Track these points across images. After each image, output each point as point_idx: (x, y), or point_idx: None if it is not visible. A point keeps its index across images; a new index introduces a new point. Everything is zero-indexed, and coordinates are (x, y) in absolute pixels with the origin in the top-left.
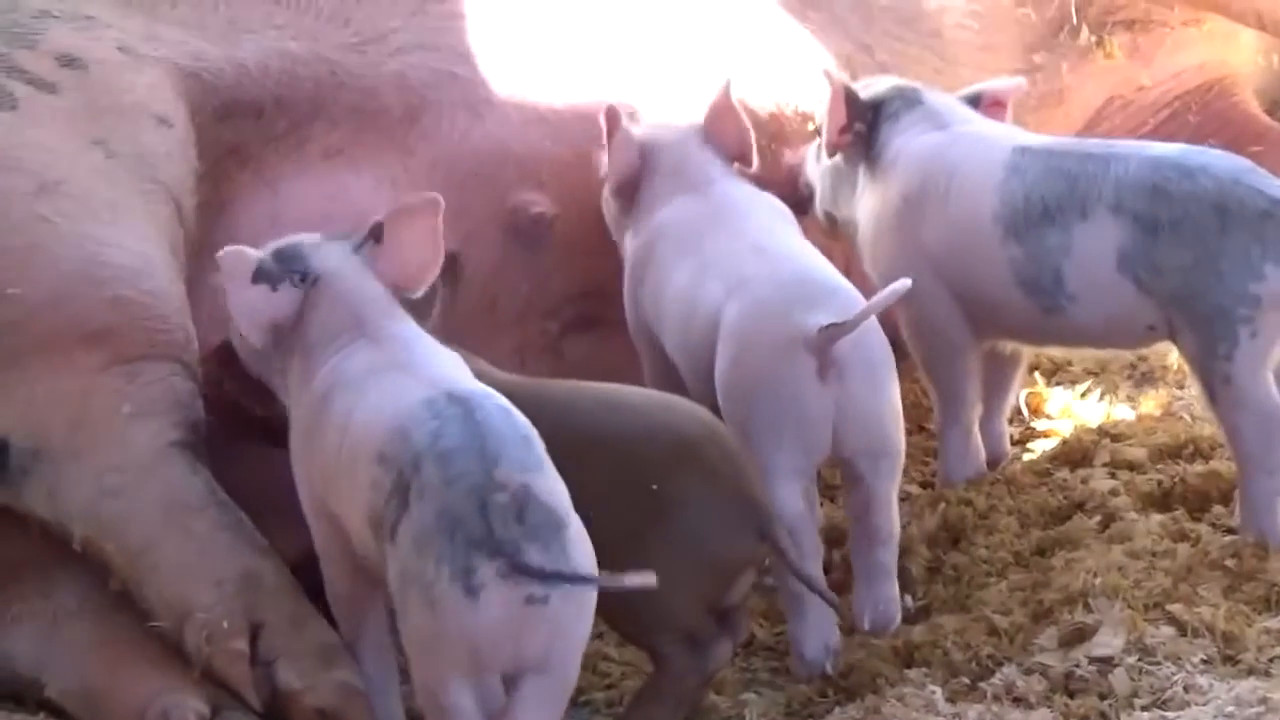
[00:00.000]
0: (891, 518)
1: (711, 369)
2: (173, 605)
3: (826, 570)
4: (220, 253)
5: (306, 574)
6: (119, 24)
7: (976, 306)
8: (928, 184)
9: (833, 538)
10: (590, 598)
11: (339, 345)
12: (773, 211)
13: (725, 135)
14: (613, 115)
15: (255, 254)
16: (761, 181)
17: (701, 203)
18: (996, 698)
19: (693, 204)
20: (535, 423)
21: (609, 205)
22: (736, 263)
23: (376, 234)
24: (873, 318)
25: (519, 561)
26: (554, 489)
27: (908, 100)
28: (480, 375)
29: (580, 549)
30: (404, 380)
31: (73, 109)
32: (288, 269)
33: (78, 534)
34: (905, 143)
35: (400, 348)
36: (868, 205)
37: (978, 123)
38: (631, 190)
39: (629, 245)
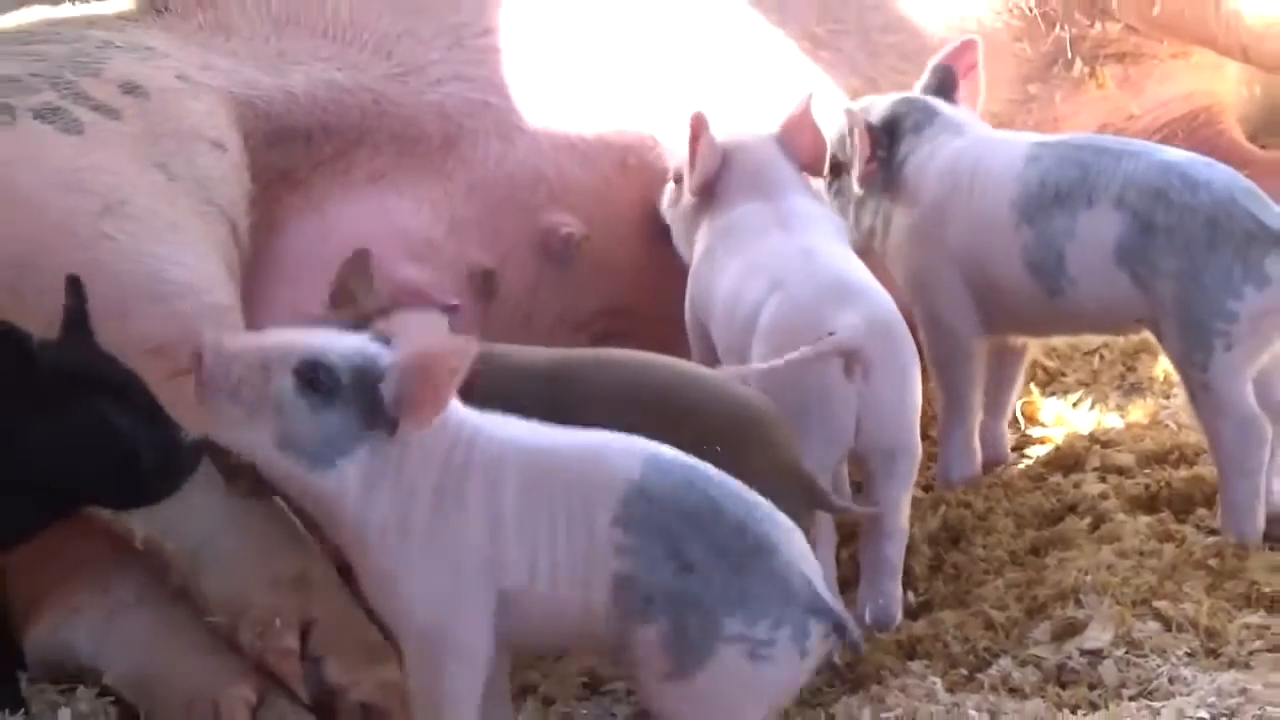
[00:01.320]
0: (902, 516)
1: (748, 360)
2: (228, 602)
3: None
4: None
5: (351, 576)
6: (177, 54)
7: (990, 294)
8: (956, 185)
9: (839, 537)
10: None
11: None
12: (829, 222)
13: (801, 145)
14: (699, 121)
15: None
16: None
17: (769, 210)
18: (993, 688)
19: (761, 209)
20: (622, 387)
21: (677, 209)
22: (781, 264)
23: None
24: (900, 320)
25: (841, 623)
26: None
27: (926, 112)
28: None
29: None
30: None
31: (135, 134)
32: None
33: (139, 533)
34: (932, 150)
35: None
36: (897, 216)
37: (992, 131)
38: (710, 191)
39: (699, 244)
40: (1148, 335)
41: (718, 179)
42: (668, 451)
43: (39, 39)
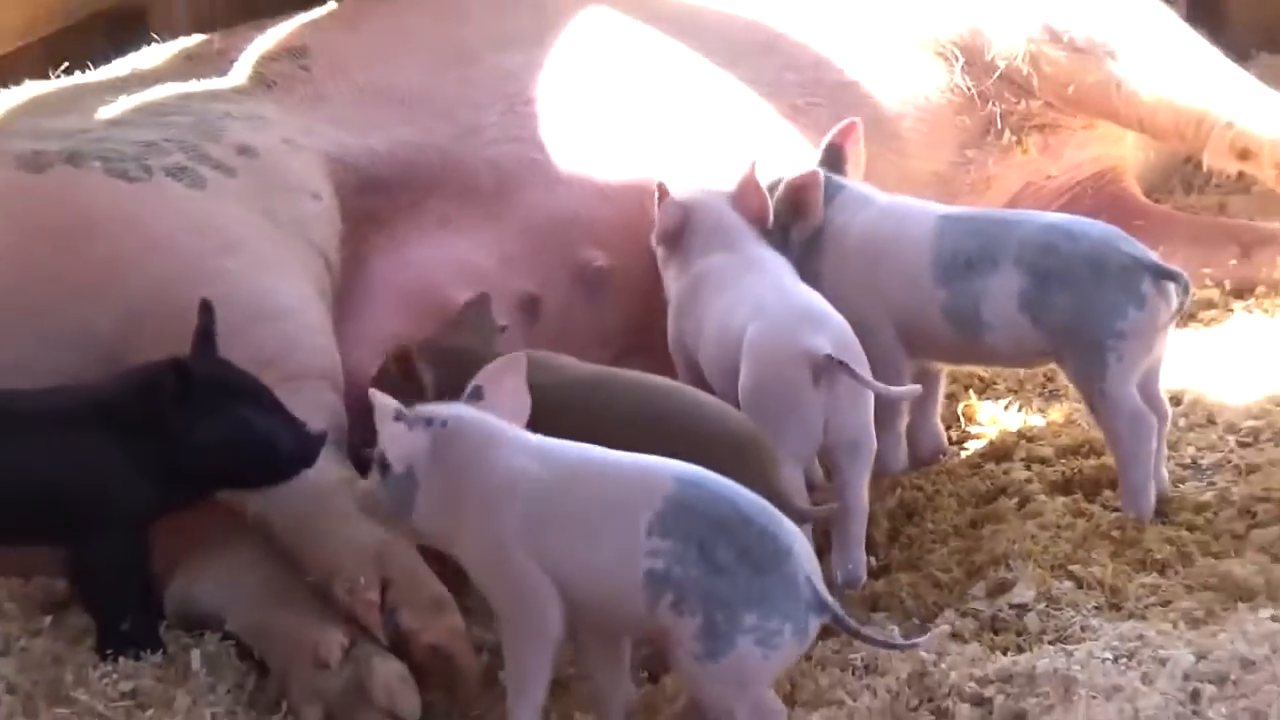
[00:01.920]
0: (863, 496)
1: (737, 376)
2: (322, 565)
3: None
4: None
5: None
6: (282, 122)
7: (916, 335)
8: (881, 252)
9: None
10: None
11: (466, 479)
12: (787, 265)
13: (749, 204)
14: (661, 187)
15: (394, 402)
16: None
17: (739, 259)
18: (959, 636)
19: (731, 259)
20: (638, 406)
21: (659, 251)
22: (759, 298)
23: (478, 393)
24: (855, 340)
25: (840, 619)
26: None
27: (835, 186)
28: (567, 367)
29: None
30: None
31: (247, 187)
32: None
33: (251, 510)
34: (849, 218)
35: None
36: (825, 269)
37: (890, 199)
38: (675, 241)
39: (673, 285)
40: None
41: (683, 233)
42: (694, 469)
43: (172, 111)
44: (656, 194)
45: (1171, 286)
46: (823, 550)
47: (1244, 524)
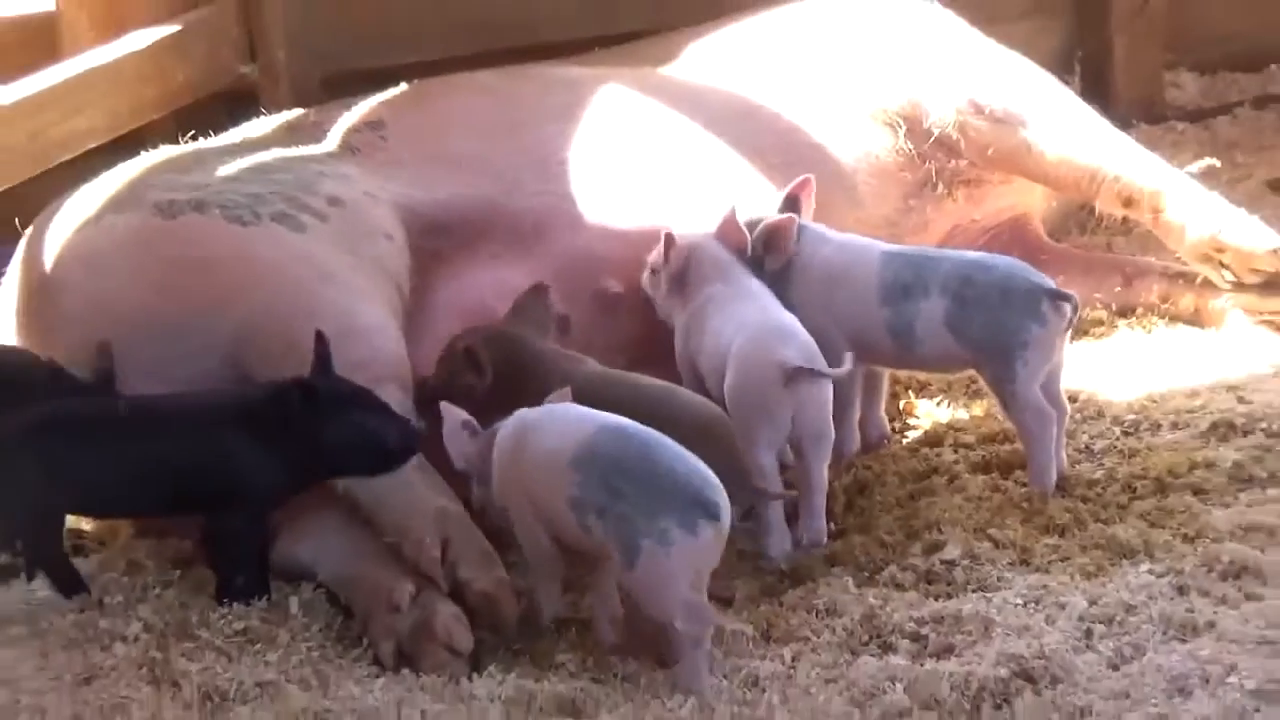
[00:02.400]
0: (824, 476)
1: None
2: (396, 528)
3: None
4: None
5: (471, 508)
6: (364, 180)
7: (864, 346)
8: (836, 280)
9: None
10: None
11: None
12: (767, 292)
13: (731, 238)
14: (669, 236)
15: (463, 414)
16: None
17: (730, 289)
18: (885, 584)
19: (724, 287)
20: (634, 400)
21: (660, 290)
22: (744, 317)
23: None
24: (818, 351)
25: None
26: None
27: (799, 226)
28: (594, 373)
29: None
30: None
31: (337, 231)
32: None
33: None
34: (812, 252)
35: None
36: (793, 294)
37: (843, 237)
38: (682, 277)
39: (679, 311)
40: None
41: (686, 269)
42: (620, 420)
43: (277, 170)
44: (664, 240)
45: (1065, 306)
46: (792, 518)
47: (1127, 497)
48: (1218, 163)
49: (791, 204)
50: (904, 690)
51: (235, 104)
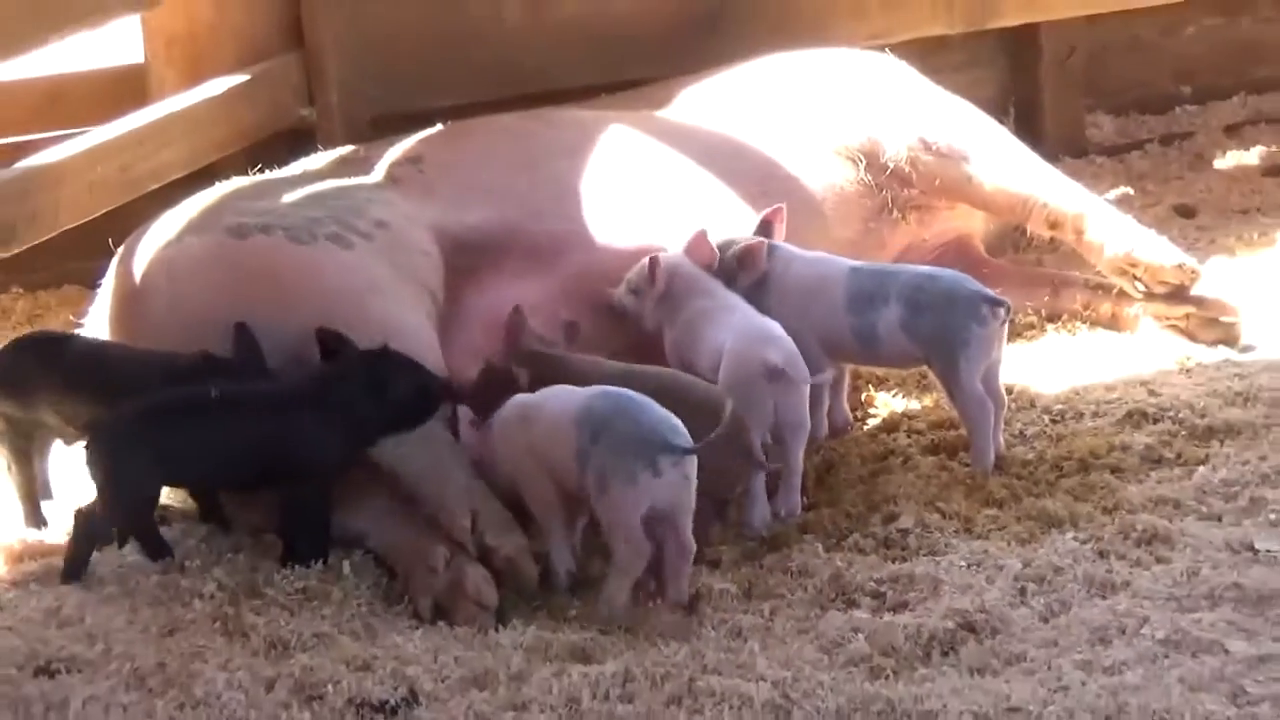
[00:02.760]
0: (800, 458)
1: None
2: (431, 501)
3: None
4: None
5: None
6: (404, 205)
7: (831, 346)
8: (811, 291)
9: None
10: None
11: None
12: (742, 301)
13: (700, 255)
14: (654, 260)
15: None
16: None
17: (713, 301)
18: (849, 549)
19: (709, 301)
20: (654, 388)
21: (647, 306)
22: (732, 323)
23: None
24: (798, 354)
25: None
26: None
27: (771, 247)
28: (615, 368)
29: None
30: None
31: (381, 248)
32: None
33: (385, 465)
34: (785, 267)
35: None
36: (770, 303)
37: (813, 255)
38: (666, 295)
39: (670, 328)
40: None
41: (670, 288)
42: (617, 391)
43: (331, 197)
44: (649, 265)
45: (1000, 310)
46: (771, 493)
47: (1055, 475)
48: (1131, 191)
49: (765, 229)
50: (865, 640)
51: (296, 142)
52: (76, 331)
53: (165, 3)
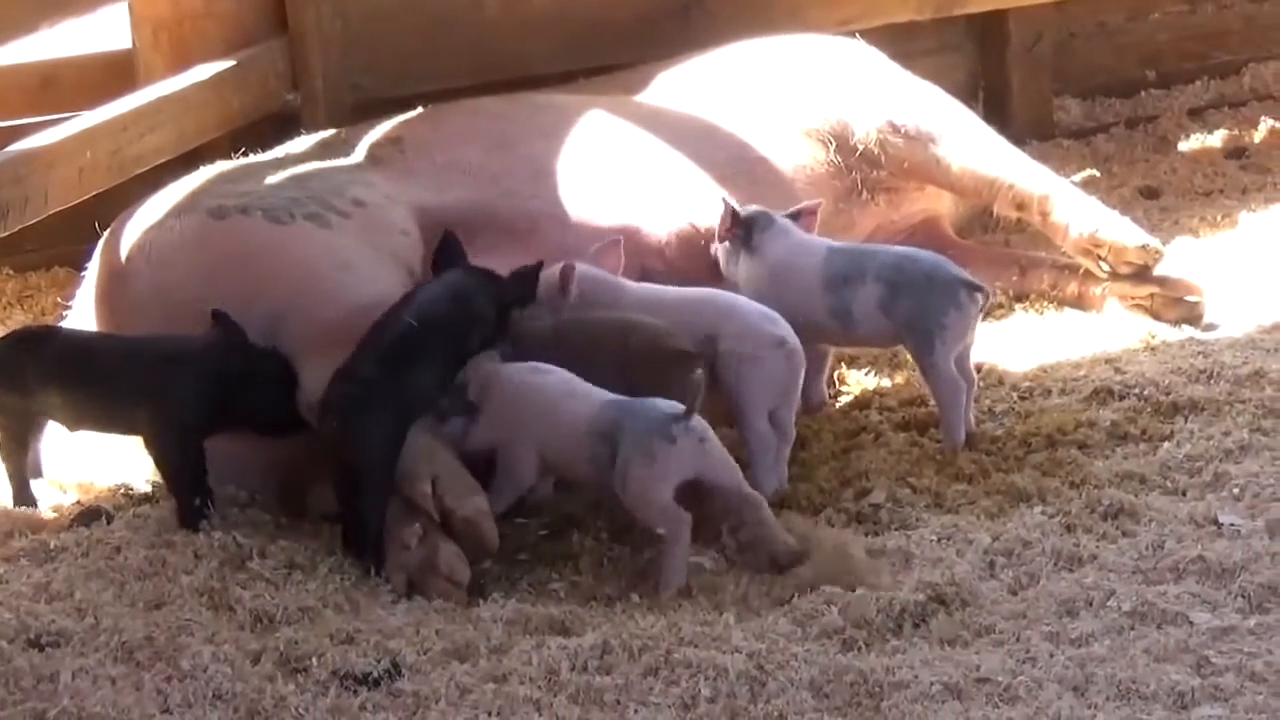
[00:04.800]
0: (790, 434)
1: None
2: (401, 475)
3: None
4: None
5: None
6: (384, 185)
7: (808, 327)
8: (791, 267)
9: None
10: None
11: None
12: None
13: (611, 264)
14: (567, 268)
15: None
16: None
17: (619, 307)
18: (822, 524)
19: (615, 308)
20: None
21: (560, 314)
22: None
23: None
24: (793, 335)
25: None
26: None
27: (768, 219)
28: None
29: None
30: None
31: (359, 226)
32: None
33: None
34: (773, 243)
35: None
36: (751, 272)
37: (802, 234)
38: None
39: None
40: None
41: (581, 296)
42: (618, 397)
43: (311, 178)
44: (559, 274)
45: (979, 295)
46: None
47: (1023, 451)
48: (1097, 173)
49: (795, 215)
50: (838, 612)
51: (281, 126)
52: (63, 322)
53: None
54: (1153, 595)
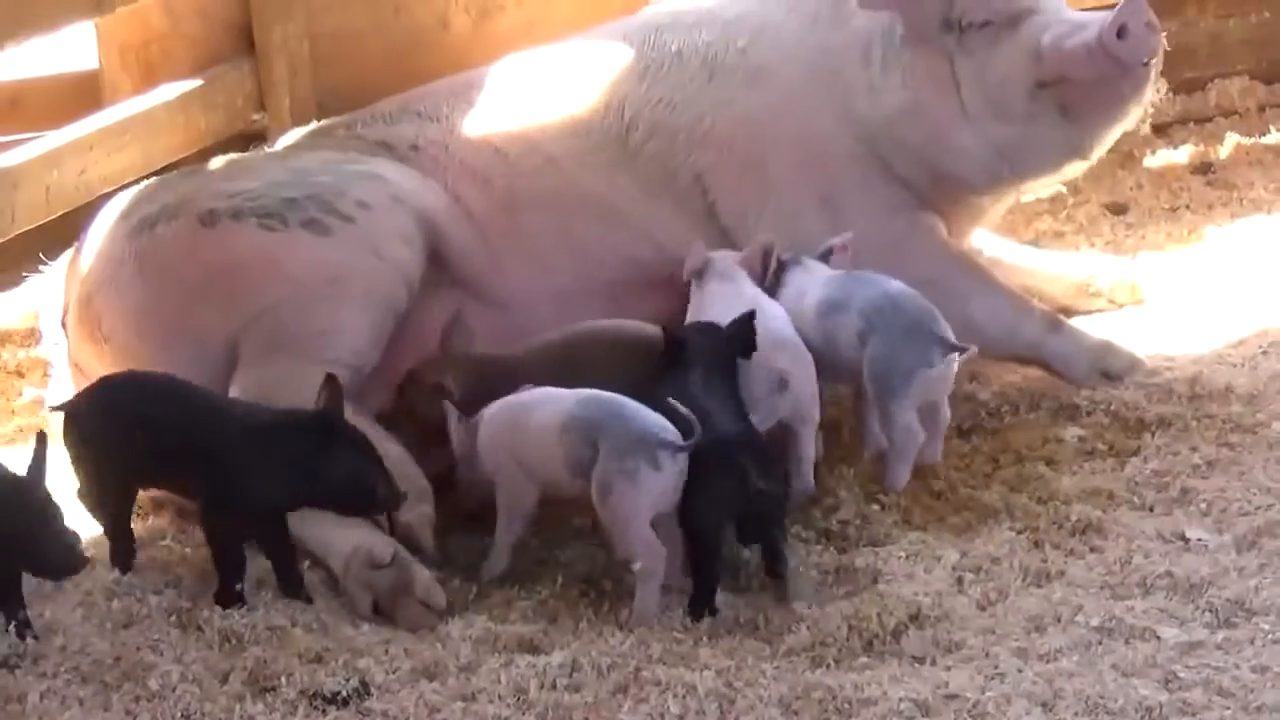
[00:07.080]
0: (811, 447)
1: None
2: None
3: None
4: None
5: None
6: (394, 177)
7: (817, 358)
8: (803, 297)
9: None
10: None
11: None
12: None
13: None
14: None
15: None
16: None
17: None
18: (791, 540)
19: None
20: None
21: None
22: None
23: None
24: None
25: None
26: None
27: (796, 259)
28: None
29: None
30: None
31: (361, 232)
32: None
33: None
34: (800, 280)
35: None
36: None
37: (820, 268)
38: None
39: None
40: None
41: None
42: (595, 392)
43: (315, 173)
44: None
45: (956, 355)
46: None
47: (991, 468)
48: (1064, 189)
49: (827, 253)
50: (807, 629)
51: (248, 146)
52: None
53: (119, 11)
54: (1120, 611)
